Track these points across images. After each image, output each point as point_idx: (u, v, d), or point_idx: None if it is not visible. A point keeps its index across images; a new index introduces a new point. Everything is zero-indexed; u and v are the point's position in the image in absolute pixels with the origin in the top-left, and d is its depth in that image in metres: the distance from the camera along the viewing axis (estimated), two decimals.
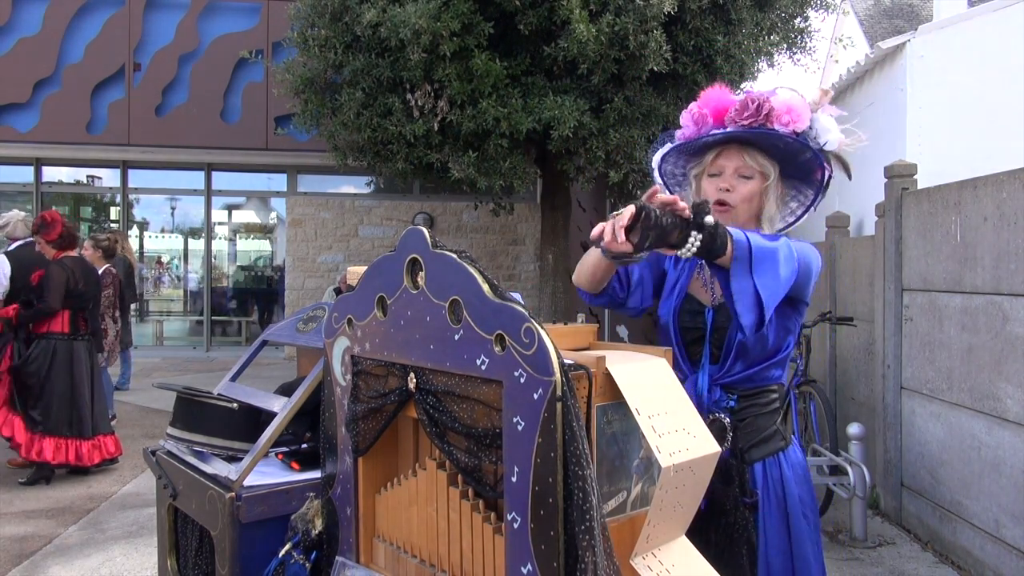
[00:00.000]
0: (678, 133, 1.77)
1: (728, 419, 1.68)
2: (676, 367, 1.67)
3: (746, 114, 1.64)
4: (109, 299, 6.28)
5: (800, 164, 1.72)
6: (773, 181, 1.70)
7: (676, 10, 5.69)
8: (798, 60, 7.18)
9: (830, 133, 1.66)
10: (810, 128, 1.65)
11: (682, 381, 1.66)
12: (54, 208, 10.89)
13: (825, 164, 1.69)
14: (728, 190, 1.68)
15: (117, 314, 6.49)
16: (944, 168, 5.18)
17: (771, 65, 6.96)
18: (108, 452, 5.15)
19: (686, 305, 1.77)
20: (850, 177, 1.76)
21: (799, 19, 7.01)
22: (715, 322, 1.72)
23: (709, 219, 1.36)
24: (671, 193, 1.78)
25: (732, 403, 1.69)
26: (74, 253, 5.19)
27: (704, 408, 1.68)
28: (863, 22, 11.92)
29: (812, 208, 1.80)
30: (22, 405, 4.89)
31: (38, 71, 9.68)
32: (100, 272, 6.21)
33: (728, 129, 1.67)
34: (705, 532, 1.60)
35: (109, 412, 6.64)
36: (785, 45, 6.96)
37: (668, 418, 1.15)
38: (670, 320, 1.77)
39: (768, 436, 1.71)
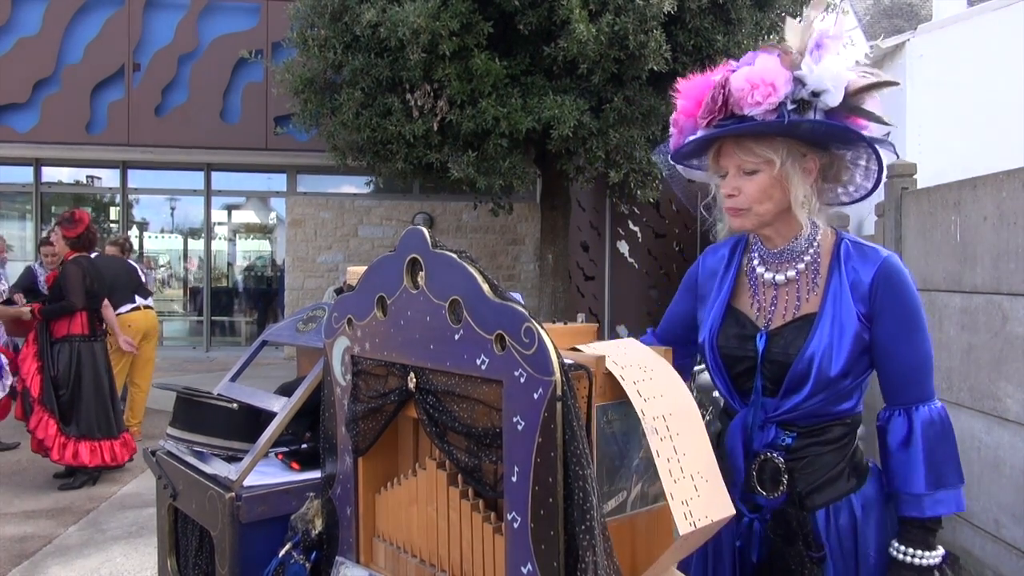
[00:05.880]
0: (671, 139, 1.53)
1: (782, 459, 1.43)
2: (721, 397, 1.52)
3: (707, 112, 1.38)
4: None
5: (809, 133, 1.38)
6: (788, 164, 1.38)
7: (676, 10, 5.70)
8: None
9: (826, 81, 1.32)
10: (802, 87, 1.33)
11: (729, 418, 1.51)
12: (53, 208, 10.92)
13: (843, 123, 1.35)
14: (733, 195, 1.42)
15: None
16: (944, 168, 5.18)
17: None
18: (132, 448, 5.19)
19: (730, 325, 1.49)
20: (896, 83, 1.42)
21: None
22: (768, 351, 1.44)
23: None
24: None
25: (789, 440, 1.44)
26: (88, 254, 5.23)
27: (752, 450, 1.45)
28: (863, 22, 11.92)
29: (881, 163, 1.45)
30: (56, 408, 4.91)
31: (38, 71, 9.68)
32: None
33: (699, 134, 1.42)
34: None
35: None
36: None
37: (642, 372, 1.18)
38: (707, 344, 1.50)
39: (834, 477, 1.43)
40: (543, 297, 7.66)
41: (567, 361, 1.09)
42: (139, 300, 6.13)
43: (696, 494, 1.11)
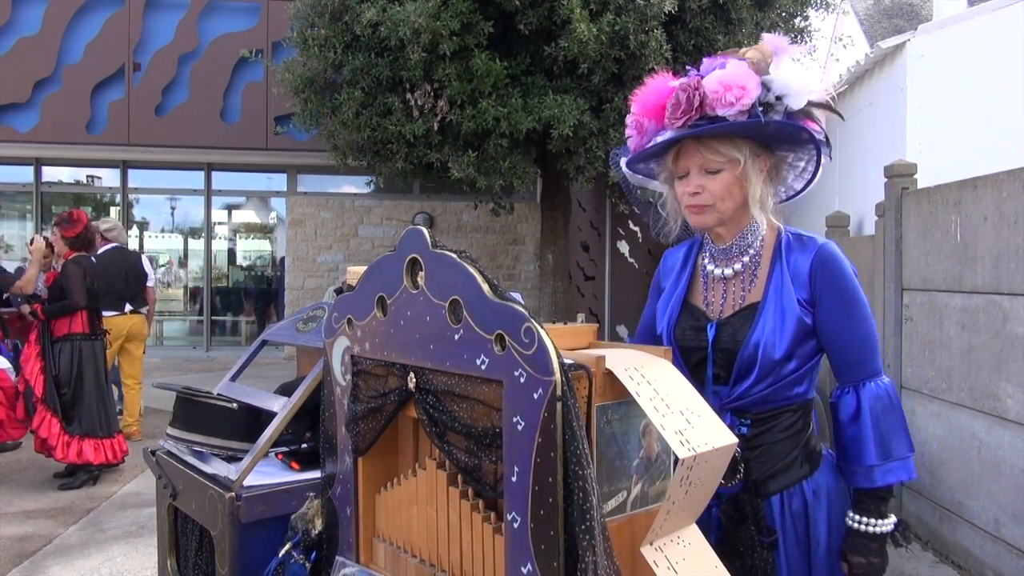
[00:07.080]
0: (628, 142, 1.59)
1: (739, 449, 1.46)
2: None
3: (680, 112, 1.44)
4: None
5: (773, 133, 1.48)
6: (749, 163, 1.47)
7: (676, 9, 5.70)
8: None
9: (791, 87, 1.42)
10: (767, 91, 1.42)
11: None
12: (52, 208, 10.92)
13: (803, 125, 1.45)
14: (697, 192, 1.49)
15: None
16: (944, 168, 5.17)
17: None
18: (125, 449, 5.18)
19: (686, 319, 1.60)
20: (842, 117, 1.55)
21: (799, 18, 7.02)
22: (717, 340, 1.53)
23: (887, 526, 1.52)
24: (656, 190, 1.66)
25: (744, 430, 1.51)
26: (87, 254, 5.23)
27: None
28: (863, 22, 11.92)
29: (819, 165, 1.55)
30: (59, 407, 4.89)
31: (38, 71, 9.68)
32: None
33: (668, 135, 1.47)
34: None
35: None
36: None
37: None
38: (665, 336, 1.60)
39: (788, 464, 1.51)
40: (543, 297, 7.66)
41: (567, 361, 1.09)
42: (127, 308, 6.07)
43: (689, 425, 1.10)
